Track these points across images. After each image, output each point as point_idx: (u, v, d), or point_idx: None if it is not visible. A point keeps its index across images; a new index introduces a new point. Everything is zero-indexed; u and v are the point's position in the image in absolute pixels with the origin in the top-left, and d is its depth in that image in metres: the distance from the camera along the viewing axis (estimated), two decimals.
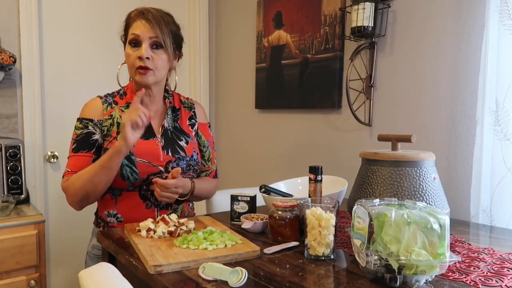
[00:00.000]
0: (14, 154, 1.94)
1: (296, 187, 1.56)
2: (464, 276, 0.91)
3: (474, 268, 0.96)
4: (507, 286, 0.86)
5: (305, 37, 2.13)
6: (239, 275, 0.86)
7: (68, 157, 1.36)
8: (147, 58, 1.31)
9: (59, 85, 2.36)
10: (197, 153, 1.47)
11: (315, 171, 1.25)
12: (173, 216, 1.24)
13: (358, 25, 1.70)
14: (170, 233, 1.17)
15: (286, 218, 1.16)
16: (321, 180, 1.25)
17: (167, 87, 1.50)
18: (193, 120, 1.51)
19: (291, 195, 1.45)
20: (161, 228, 1.17)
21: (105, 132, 1.36)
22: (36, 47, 2.22)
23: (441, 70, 1.61)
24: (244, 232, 1.25)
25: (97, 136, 1.35)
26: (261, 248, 1.08)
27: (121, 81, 1.46)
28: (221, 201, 1.78)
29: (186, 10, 2.83)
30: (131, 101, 1.38)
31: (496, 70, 1.39)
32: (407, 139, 1.20)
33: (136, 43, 1.33)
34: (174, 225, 1.19)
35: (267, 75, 2.39)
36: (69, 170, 1.33)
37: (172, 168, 1.37)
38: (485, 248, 1.12)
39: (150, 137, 1.38)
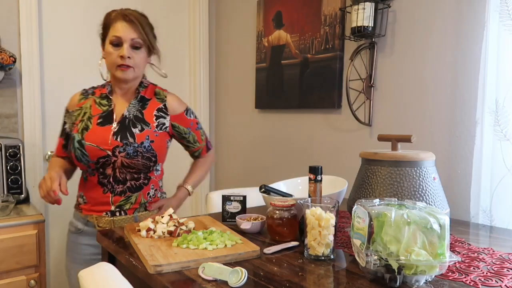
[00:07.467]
0: (14, 154, 1.94)
1: (296, 187, 1.56)
2: (464, 276, 0.91)
3: (474, 268, 0.96)
4: (507, 286, 0.86)
5: (305, 37, 2.13)
6: (239, 275, 0.86)
7: None
8: (128, 57, 1.45)
9: (59, 85, 2.36)
10: (152, 141, 1.50)
11: (315, 171, 1.25)
12: (165, 219, 1.22)
13: (358, 25, 1.70)
14: (170, 233, 1.17)
15: (283, 217, 1.16)
16: (321, 180, 1.25)
17: (143, 80, 1.59)
18: (161, 113, 1.56)
19: (291, 195, 1.45)
20: (161, 228, 1.17)
21: (73, 121, 1.53)
22: (36, 47, 2.22)
23: (441, 70, 1.61)
24: (243, 232, 1.25)
25: (66, 125, 1.58)
26: (261, 248, 1.08)
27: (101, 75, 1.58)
28: (221, 201, 1.77)
29: (186, 10, 2.83)
30: (104, 92, 1.55)
31: (496, 70, 1.38)
32: (407, 139, 1.20)
33: (117, 43, 1.46)
34: (174, 225, 1.19)
35: (267, 75, 2.39)
36: (53, 151, 1.67)
37: (119, 152, 1.45)
38: (485, 248, 1.12)
39: (106, 124, 1.49)
